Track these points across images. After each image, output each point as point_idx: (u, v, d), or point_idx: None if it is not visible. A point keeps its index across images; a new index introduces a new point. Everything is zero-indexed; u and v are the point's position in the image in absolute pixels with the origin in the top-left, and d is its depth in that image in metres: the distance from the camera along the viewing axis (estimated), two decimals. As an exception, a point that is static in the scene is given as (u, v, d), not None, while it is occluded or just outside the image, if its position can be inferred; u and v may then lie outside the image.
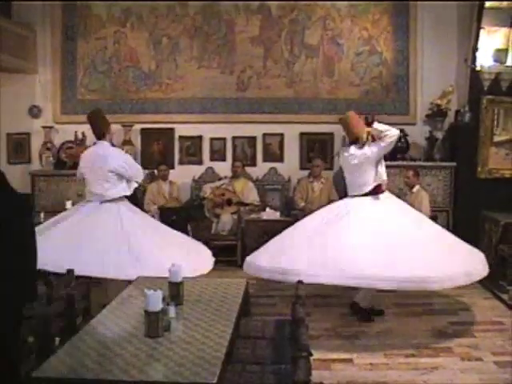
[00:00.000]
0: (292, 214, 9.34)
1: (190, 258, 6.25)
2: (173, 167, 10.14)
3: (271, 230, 8.43)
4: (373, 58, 9.95)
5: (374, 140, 6.41)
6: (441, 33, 9.64)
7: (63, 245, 5.89)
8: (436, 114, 9.52)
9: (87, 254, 5.78)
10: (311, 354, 3.41)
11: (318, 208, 7.36)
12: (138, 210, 6.96)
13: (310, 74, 10.03)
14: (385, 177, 6.54)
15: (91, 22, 10.07)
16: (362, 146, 6.41)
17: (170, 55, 10.07)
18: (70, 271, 5.14)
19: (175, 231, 7.00)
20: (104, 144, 6.58)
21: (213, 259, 6.72)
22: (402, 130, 9.43)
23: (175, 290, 4.25)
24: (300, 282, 4.70)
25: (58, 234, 6.12)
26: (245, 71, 10.05)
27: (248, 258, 6.58)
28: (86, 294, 4.79)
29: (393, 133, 6.35)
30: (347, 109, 9.69)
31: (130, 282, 5.07)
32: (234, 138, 10.23)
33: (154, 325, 3.52)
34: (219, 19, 10.00)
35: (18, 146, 10.22)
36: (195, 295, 4.48)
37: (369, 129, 6.45)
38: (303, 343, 3.42)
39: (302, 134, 10.14)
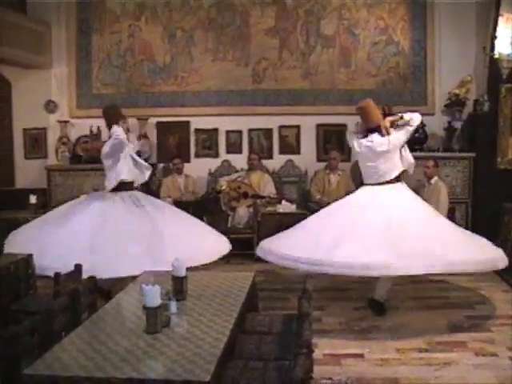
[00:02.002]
0: (308, 206, 9.23)
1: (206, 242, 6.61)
2: (189, 160, 10.13)
3: (287, 223, 8.37)
4: (390, 47, 9.83)
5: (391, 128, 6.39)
6: (458, 21, 9.50)
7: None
8: (454, 104, 9.38)
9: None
10: (312, 351, 3.34)
11: (335, 200, 7.28)
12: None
13: (326, 65, 9.93)
14: (412, 159, 6.55)
15: (106, 16, 10.07)
16: (385, 134, 6.32)
17: (184, 48, 10.04)
18: (78, 266, 5.13)
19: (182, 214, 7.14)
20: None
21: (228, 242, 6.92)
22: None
23: (179, 285, 4.19)
24: (308, 275, 4.61)
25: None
26: (260, 63, 9.99)
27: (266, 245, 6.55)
28: (92, 289, 4.75)
29: (417, 117, 6.38)
30: (364, 99, 9.64)
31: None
32: (250, 131, 10.17)
33: (153, 321, 3.45)
34: (234, 11, 9.94)
35: (35, 141, 10.28)
36: (200, 290, 4.42)
37: (392, 118, 6.41)
38: (304, 339, 3.34)
39: (318, 126, 10.05)
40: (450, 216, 7.97)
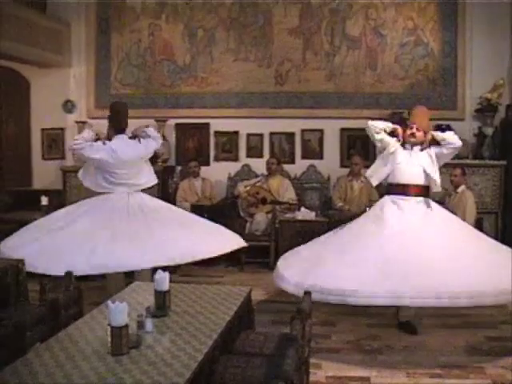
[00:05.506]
0: (328, 214, 8.85)
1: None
2: (208, 164, 9.85)
3: (306, 231, 8.14)
4: (418, 49, 9.40)
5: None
6: (492, 21, 9.07)
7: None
8: (486, 109, 8.97)
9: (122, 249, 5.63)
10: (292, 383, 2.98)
11: (357, 209, 6.88)
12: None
13: (351, 67, 9.55)
14: None
15: (125, 15, 9.86)
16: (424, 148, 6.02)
17: (205, 48, 9.76)
18: (69, 273, 4.84)
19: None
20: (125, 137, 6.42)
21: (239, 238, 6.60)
22: (448, 126, 8.90)
23: (160, 300, 3.87)
24: (307, 293, 4.23)
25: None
26: (283, 64, 9.65)
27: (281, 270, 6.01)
28: (77, 299, 4.46)
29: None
30: (391, 103, 9.33)
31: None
32: (272, 134, 9.83)
33: (117, 341, 3.11)
34: (256, 10, 9.62)
35: (53, 142, 10.11)
36: (185, 305, 4.07)
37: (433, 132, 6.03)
38: (284, 369, 2.97)
39: (342, 130, 9.67)
40: (477, 227, 7.51)
